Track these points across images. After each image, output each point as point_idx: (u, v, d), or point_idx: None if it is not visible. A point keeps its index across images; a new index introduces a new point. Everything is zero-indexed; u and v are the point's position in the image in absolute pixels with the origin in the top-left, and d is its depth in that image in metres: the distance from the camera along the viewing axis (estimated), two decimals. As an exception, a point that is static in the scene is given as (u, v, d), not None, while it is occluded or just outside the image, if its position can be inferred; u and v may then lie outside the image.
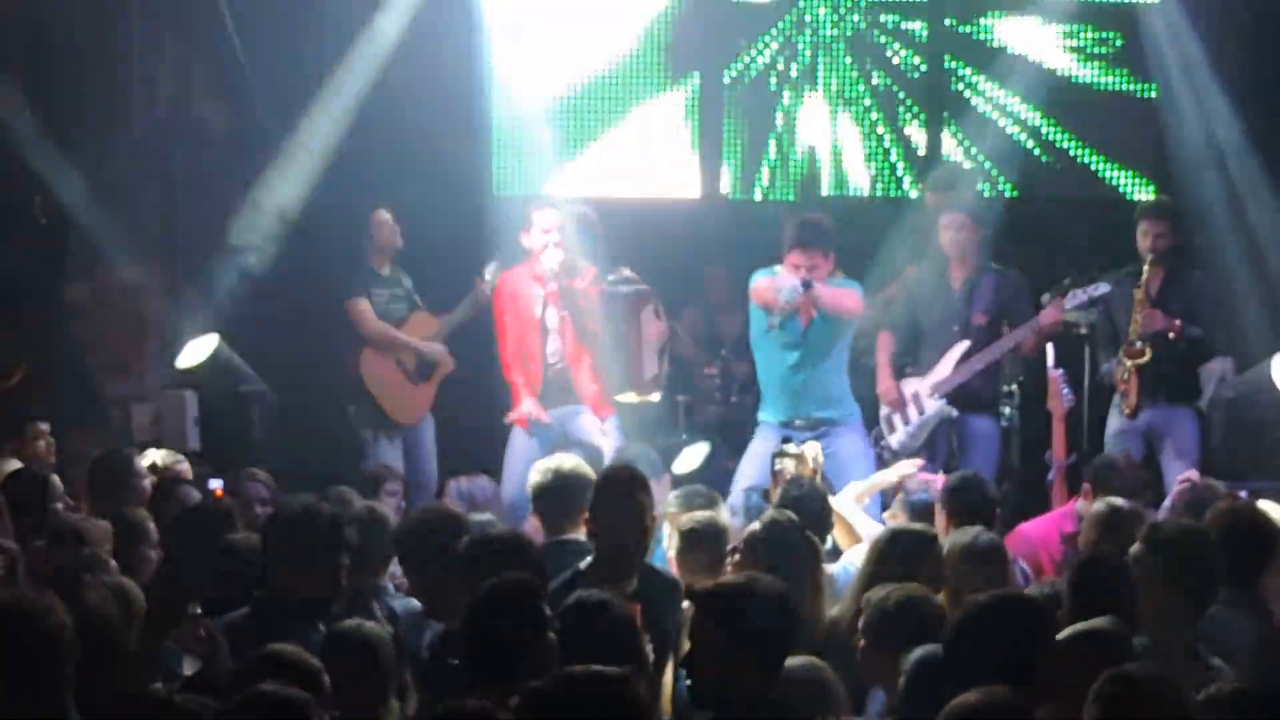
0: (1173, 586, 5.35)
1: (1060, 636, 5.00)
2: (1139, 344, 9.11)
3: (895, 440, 9.32)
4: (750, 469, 8.77)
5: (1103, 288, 9.26)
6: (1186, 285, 9.26)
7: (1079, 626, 5.03)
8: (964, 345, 9.26)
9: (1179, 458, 9.14)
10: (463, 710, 4.08)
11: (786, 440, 7.93)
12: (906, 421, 9.32)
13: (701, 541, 6.38)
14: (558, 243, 9.15)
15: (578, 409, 9.33)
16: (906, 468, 7.69)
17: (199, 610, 5.48)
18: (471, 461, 9.11)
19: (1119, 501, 6.65)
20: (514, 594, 4.90)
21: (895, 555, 5.90)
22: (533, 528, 7.46)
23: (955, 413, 9.25)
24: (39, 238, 9.89)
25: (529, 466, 8.88)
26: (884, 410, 9.42)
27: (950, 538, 6.28)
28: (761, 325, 8.88)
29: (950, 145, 11.29)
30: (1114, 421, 9.33)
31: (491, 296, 9.59)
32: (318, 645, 4.99)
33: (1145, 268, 9.17)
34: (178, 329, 9.89)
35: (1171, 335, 9.09)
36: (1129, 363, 9.13)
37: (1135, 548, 5.49)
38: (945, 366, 9.28)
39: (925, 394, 9.31)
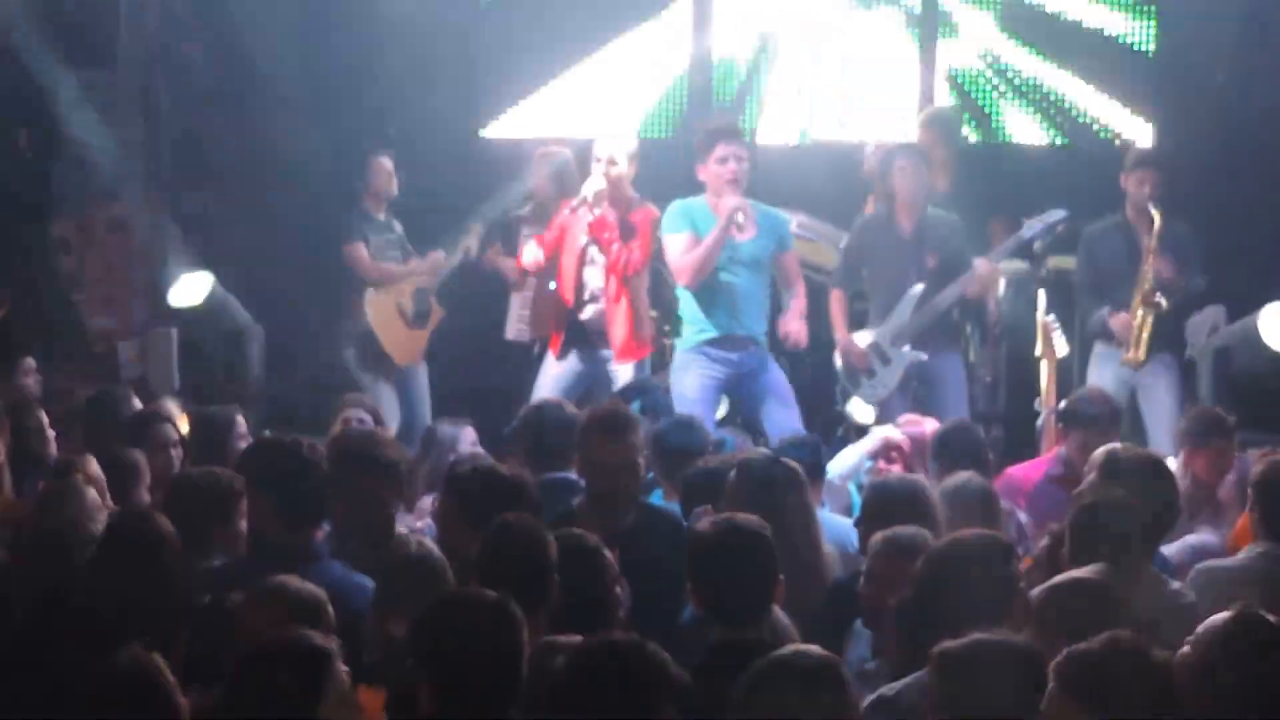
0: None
1: (1048, 584, 5.03)
2: (1158, 296, 9.03)
3: (863, 394, 9.25)
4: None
5: (1057, 214, 9.26)
6: (1178, 235, 9.16)
7: (1064, 576, 5.05)
8: (919, 289, 9.16)
9: (1163, 405, 9.09)
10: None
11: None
12: (871, 374, 9.26)
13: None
14: (608, 172, 8.98)
15: (609, 356, 9.19)
16: (886, 432, 7.65)
17: None
18: (462, 404, 9.15)
19: (1118, 447, 6.61)
20: (524, 537, 4.90)
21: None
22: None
23: (925, 356, 9.18)
24: (25, 172, 9.86)
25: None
26: (844, 365, 9.36)
27: (941, 484, 6.28)
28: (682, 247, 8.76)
29: (943, 88, 11.23)
30: (1105, 370, 9.27)
31: (480, 262, 9.56)
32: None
33: (1155, 215, 9.01)
34: (164, 265, 9.88)
35: (1173, 287, 9.05)
36: (1141, 313, 9.07)
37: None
38: (903, 313, 9.21)
39: (886, 343, 9.24)
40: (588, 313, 9.15)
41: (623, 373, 9.04)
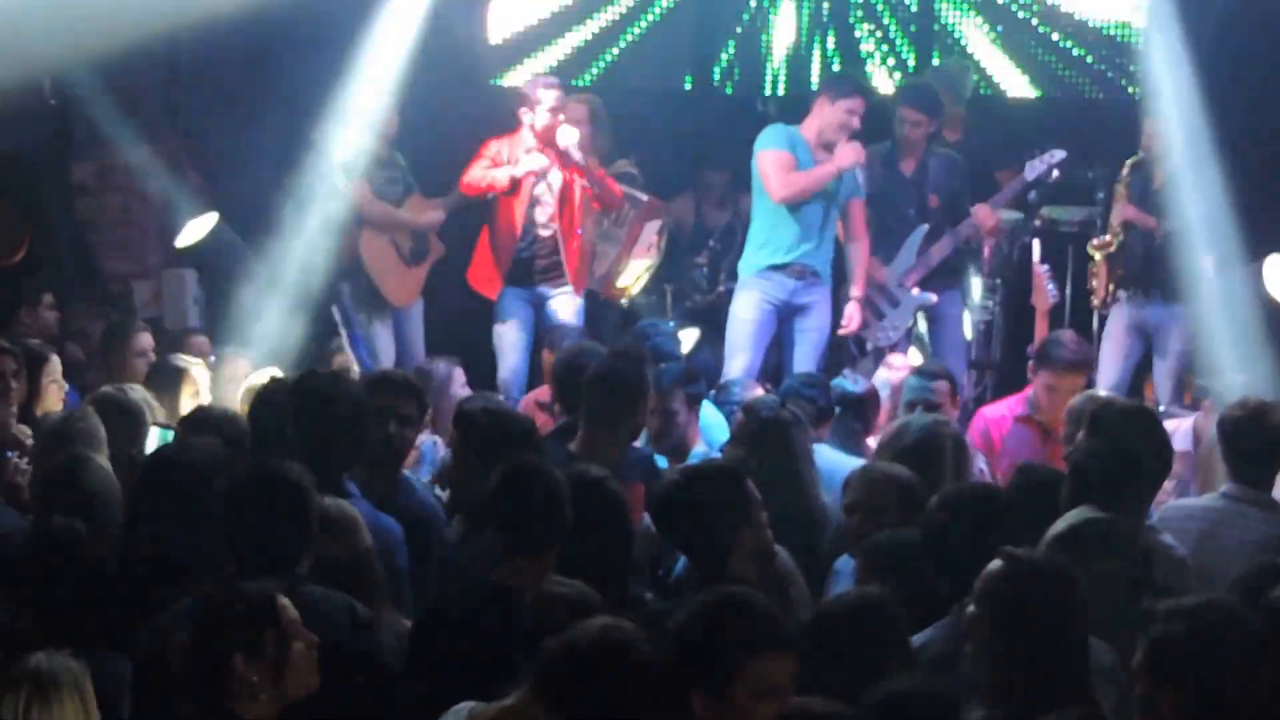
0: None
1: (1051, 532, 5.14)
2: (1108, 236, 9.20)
3: (877, 336, 9.39)
4: (742, 337, 8.89)
5: (1058, 154, 9.39)
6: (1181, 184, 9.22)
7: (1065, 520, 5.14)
8: (923, 229, 9.33)
9: (1167, 356, 9.22)
10: None
11: None
12: (881, 317, 9.41)
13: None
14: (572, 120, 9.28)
15: (553, 291, 9.46)
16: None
17: None
18: (456, 343, 9.31)
19: (1102, 394, 6.80)
20: (539, 471, 5.06)
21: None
22: (525, 405, 7.73)
23: (934, 299, 9.37)
24: (48, 119, 9.98)
25: (515, 346, 9.23)
26: (855, 309, 9.47)
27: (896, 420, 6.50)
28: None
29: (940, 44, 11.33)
30: (1119, 313, 9.34)
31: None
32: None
33: (1156, 168, 9.19)
34: (180, 209, 10.00)
35: (1141, 228, 9.14)
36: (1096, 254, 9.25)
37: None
38: (909, 255, 9.35)
39: (894, 285, 9.40)
40: (532, 251, 9.41)
41: (566, 304, 9.35)
